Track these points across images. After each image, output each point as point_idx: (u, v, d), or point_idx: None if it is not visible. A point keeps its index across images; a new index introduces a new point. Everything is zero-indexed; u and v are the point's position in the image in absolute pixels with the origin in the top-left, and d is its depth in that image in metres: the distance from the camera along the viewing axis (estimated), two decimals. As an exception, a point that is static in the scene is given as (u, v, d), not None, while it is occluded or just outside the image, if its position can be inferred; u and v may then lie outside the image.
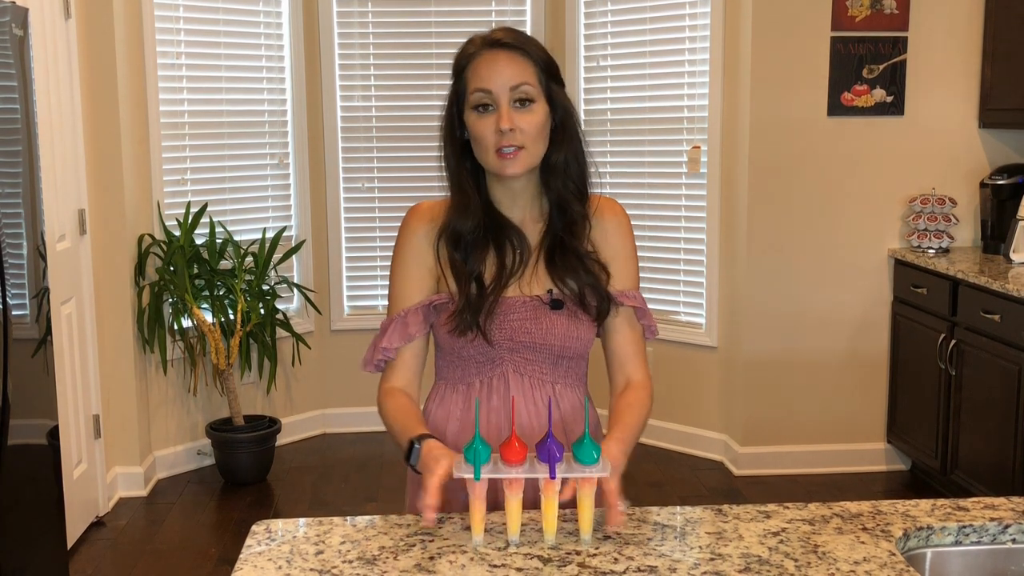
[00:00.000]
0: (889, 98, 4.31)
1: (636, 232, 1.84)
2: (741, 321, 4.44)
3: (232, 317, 4.36)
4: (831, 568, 1.35)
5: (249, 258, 4.52)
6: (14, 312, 2.82)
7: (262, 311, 4.42)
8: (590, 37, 4.86)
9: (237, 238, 4.56)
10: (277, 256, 4.61)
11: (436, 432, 1.70)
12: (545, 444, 1.42)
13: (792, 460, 4.47)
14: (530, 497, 1.50)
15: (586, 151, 1.75)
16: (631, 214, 1.88)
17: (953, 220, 4.26)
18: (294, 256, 4.78)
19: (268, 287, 4.52)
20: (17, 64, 2.92)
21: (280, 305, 4.69)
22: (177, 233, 4.37)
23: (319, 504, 4.21)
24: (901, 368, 4.36)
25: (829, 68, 4.28)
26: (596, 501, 1.44)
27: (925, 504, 1.56)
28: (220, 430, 4.41)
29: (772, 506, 1.56)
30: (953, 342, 3.89)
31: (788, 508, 1.55)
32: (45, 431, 3.12)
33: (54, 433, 3.17)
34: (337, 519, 1.52)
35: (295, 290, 4.86)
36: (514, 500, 1.42)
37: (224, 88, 4.67)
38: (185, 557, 3.69)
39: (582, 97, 4.86)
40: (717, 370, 4.62)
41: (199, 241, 4.41)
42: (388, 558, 1.39)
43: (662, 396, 4.62)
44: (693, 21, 4.51)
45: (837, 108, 4.30)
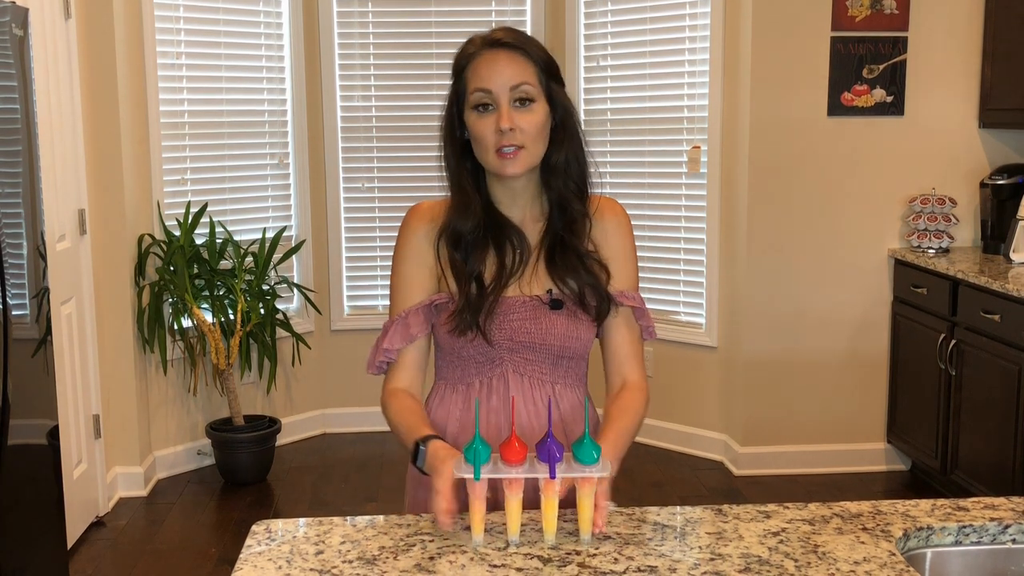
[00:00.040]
0: (889, 98, 4.31)
1: (636, 232, 1.84)
2: (741, 321, 4.44)
3: (232, 317, 4.36)
4: (831, 568, 1.35)
5: (249, 258, 4.52)
6: (14, 312, 2.82)
7: (262, 311, 4.42)
8: (590, 37, 4.86)
9: (237, 238, 4.56)
10: (277, 256, 4.61)
11: (436, 432, 1.70)
12: (545, 444, 1.42)
13: (792, 460, 4.47)
14: (530, 497, 1.50)
15: (586, 151, 1.75)
16: (631, 214, 1.88)
17: (953, 220, 4.26)
18: (294, 256, 4.78)
19: (268, 287, 4.52)
20: (17, 64, 2.92)
21: (280, 305, 4.69)
22: (177, 233, 4.37)
23: (319, 504, 4.21)
24: (901, 368, 4.36)
25: (829, 68, 4.28)
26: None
27: (925, 504, 1.56)
28: (220, 430, 4.42)
29: (772, 506, 1.56)
30: (953, 342, 3.89)
31: (788, 508, 1.55)
32: (45, 431, 3.12)
33: (54, 433, 3.17)
34: (337, 519, 1.52)
35: (295, 290, 4.86)
36: (514, 500, 1.42)
37: (224, 88, 4.67)
38: (185, 557, 3.69)
39: (582, 97, 4.86)
40: (717, 370, 4.62)
41: (199, 241, 4.41)
42: (388, 558, 1.39)
43: (662, 396, 4.64)
44: (693, 21, 4.51)
45: (837, 108, 4.30)
